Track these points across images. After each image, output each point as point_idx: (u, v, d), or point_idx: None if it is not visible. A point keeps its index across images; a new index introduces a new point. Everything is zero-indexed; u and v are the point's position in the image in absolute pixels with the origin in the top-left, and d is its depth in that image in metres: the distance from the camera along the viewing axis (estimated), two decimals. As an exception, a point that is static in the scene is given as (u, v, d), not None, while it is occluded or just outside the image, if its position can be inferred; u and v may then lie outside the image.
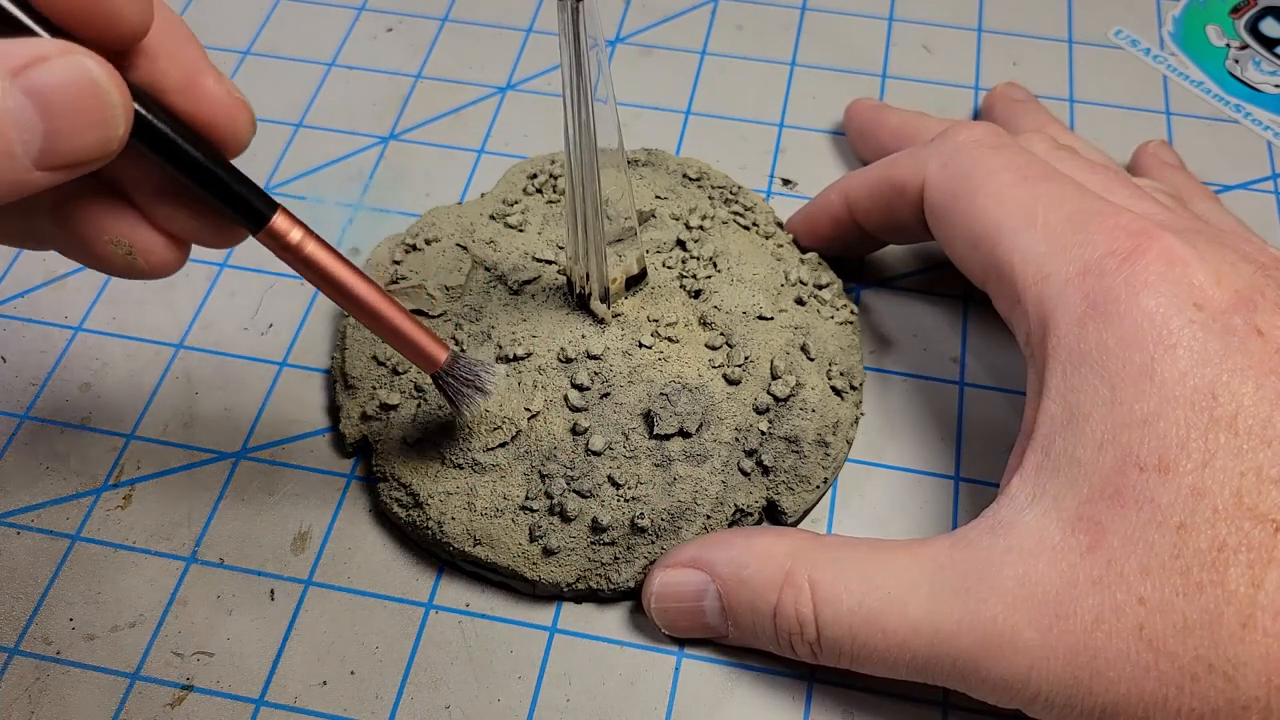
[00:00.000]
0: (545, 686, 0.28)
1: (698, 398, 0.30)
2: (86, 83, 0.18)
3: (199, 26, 0.44)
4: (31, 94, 0.18)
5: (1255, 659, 0.21)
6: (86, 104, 0.18)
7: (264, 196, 0.23)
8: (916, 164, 0.30)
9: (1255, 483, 0.22)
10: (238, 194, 0.22)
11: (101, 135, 0.19)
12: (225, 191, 0.22)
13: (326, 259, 0.24)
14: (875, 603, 0.25)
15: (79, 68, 0.18)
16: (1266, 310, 0.24)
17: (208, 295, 0.36)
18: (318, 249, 0.24)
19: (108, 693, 0.28)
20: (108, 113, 0.19)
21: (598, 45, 0.24)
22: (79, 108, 0.18)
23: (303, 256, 0.24)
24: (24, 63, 0.18)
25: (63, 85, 0.18)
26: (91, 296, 0.36)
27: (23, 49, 0.18)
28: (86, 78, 0.18)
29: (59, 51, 0.18)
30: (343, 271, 0.25)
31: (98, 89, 0.18)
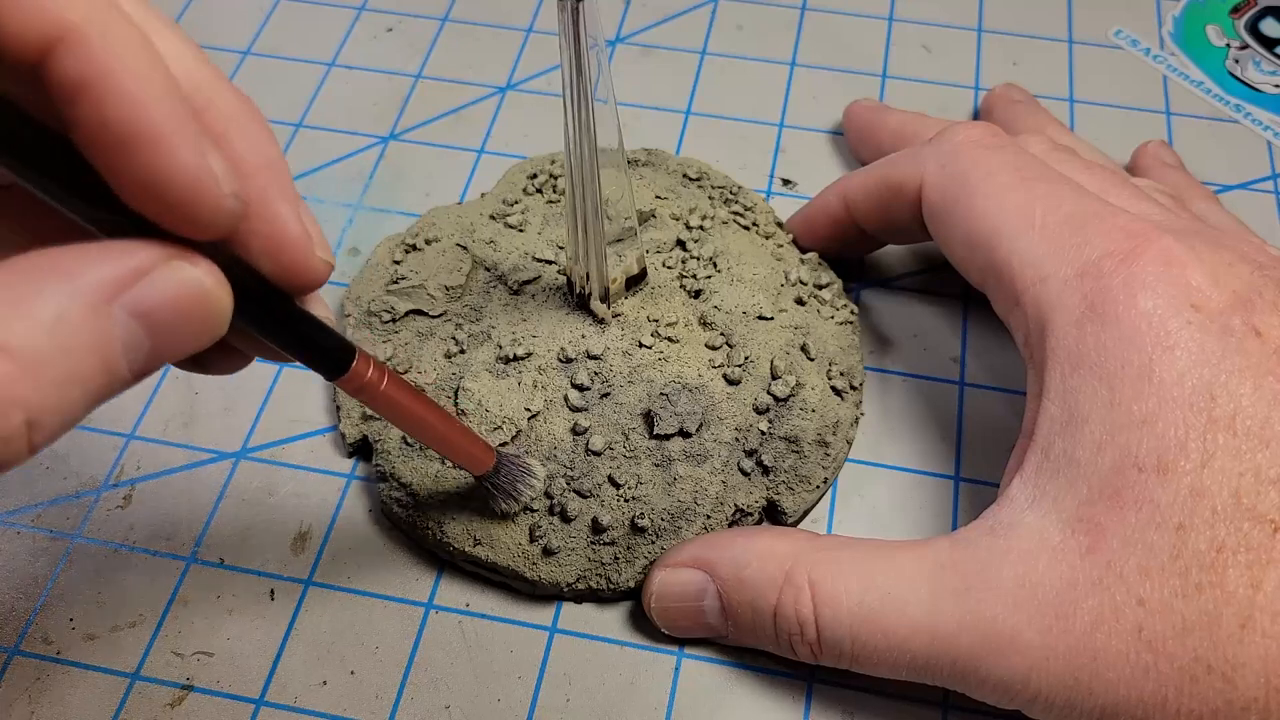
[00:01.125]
0: (545, 686, 0.29)
1: (698, 398, 0.30)
2: (197, 296, 0.17)
3: (199, 27, 0.44)
4: (139, 316, 0.16)
5: (1254, 660, 0.21)
6: (195, 315, 0.17)
7: (342, 347, 0.22)
8: (915, 165, 0.30)
9: (1254, 483, 0.22)
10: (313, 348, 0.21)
11: (207, 338, 0.17)
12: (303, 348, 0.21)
13: (398, 395, 0.24)
14: (875, 603, 0.25)
15: (188, 282, 0.17)
16: (1264, 310, 0.24)
17: (208, 295, 0.36)
18: (391, 387, 0.23)
19: (108, 693, 0.28)
20: (215, 319, 0.17)
21: (598, 45, 0.24)
22: (188, 321, 0.17)
23: (377, 397, 0.23)
24: (126, 278, 0.16)
25: (172, 302, 0.17)
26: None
27: (120, 259, 0.16)
28: (197, 291, 0.17)
29: (161, 261, 0.16)
30: (412, 404, 0.24)
31: (207, 300, 0.17)
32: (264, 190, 0.18)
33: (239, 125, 0.18)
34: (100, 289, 0.16)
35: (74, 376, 0.15)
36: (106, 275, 0.16)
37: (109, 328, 0.16)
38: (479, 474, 0.28)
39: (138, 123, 0.15)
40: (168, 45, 0.17)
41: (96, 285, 0.16)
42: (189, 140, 0.16)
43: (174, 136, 0.15)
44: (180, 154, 0.16)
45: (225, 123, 0.18)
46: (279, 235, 0.19)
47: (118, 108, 0.15)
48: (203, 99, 0.18)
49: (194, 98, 0.18)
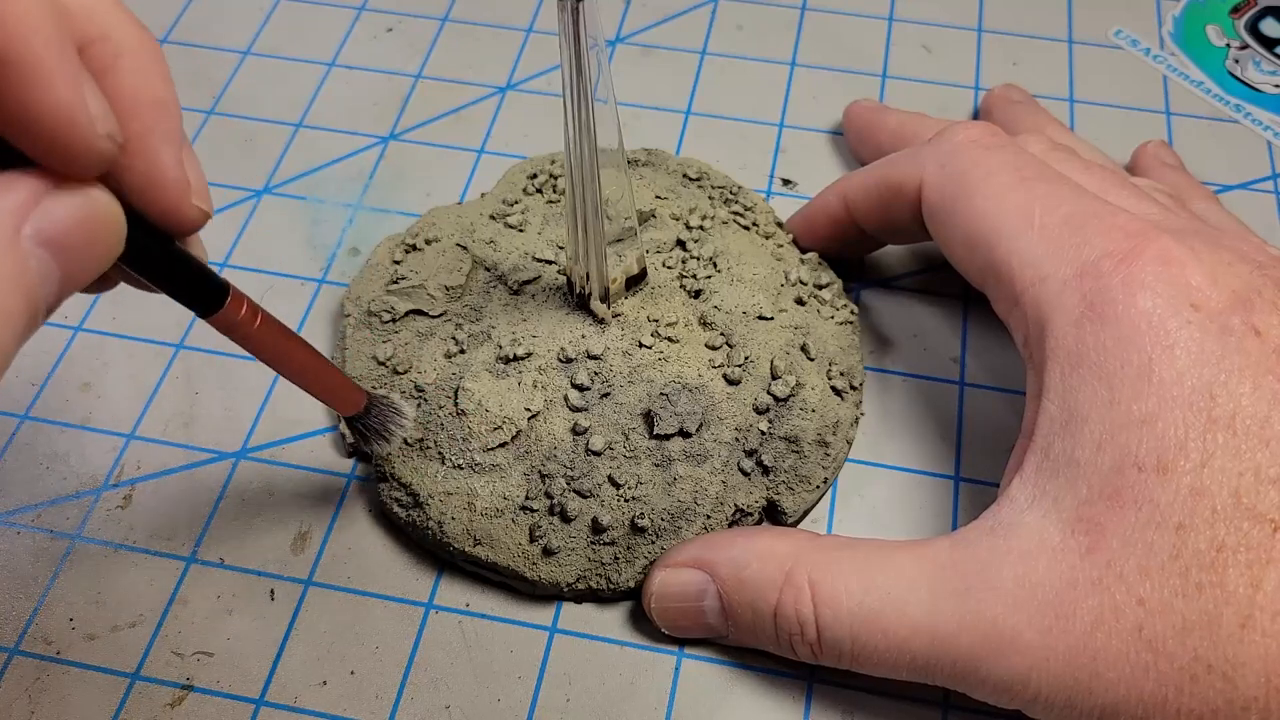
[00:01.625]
0: (545, 686, 0.29)
1: (698, 398, 0.30)
2: (95, 216, 0.17)
3: (199, 27, 0.44)
4: (46, 243, 0.16)
5: (1254, 659, 0.21)
6: (97, 236, 0.17)
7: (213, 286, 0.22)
8: (914, 165, 0.30)
9: (1254, 483, 0.22)
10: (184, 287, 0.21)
11: (107, 258, 0.17)
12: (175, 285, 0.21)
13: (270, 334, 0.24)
14: (875, 603, 0.25)
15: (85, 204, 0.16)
16: (1263, 310, 0.24)
17: (208, 295, 0.36)
18: (264, 327, 0.23)
19: (108, 693, 0.28)
20: (114, 237, 0.17)
21: (598, 45, 0.24)
22: (91, 243, 0.17)
23: (250, 336, 0.23)
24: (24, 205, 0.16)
25: (75, 225, 0.16)
26: (91, 296, 0.36)
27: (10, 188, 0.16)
28: (94, 211, 0.17)
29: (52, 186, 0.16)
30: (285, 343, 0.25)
31: (106, 219, 0.17)
32: (146, 129, 0.18)
33: (131, 60, 0.18)
34: (5, 221, 0.15)
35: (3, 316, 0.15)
36: (6, 205, 0.15)
37: (24, 259, 0.16)
38: (350, 415, 0.28)
39: (10, 52, 0.15)
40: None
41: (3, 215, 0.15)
42: (65, 74, 0.15)
43: (49, 68, 0.15)
44: (54, 88, 0.15)
45: (116, 56, 0.17)
46: (156, 176, 0.18)
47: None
48: (96, 29, 0.17)
49: (86, 27, 0.17)
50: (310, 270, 0.37)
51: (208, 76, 0.43)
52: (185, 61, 0.43)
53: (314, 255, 0.37)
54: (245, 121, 0.42)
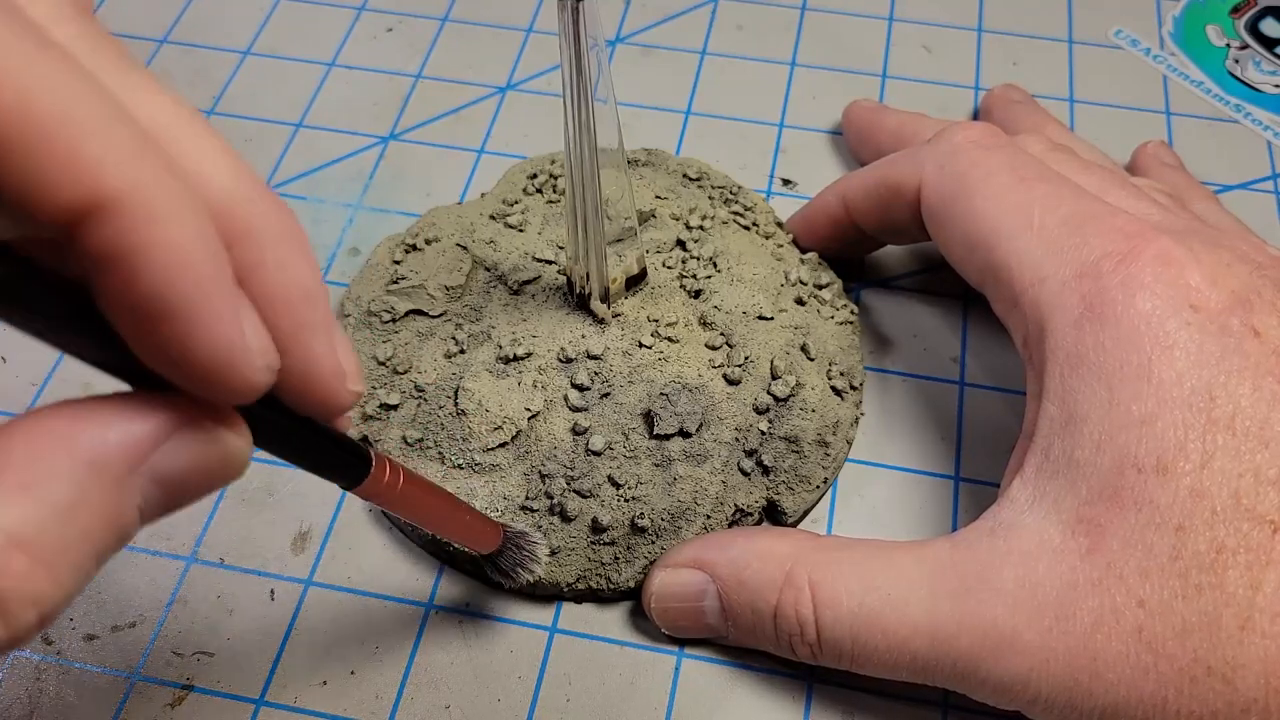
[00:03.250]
0: (545, 686, 0.29)
1: (698, 398, 0.30)
2: (220, 457, 0.16)
3: (199, 27, 0.44)
4: (158, 482, 0.15)
5: (1254, 661, 0.21)
6: (217, 474, 0.16)
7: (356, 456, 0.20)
8: (913, 165, 0.30)
9: (1253, 484, 0.22)
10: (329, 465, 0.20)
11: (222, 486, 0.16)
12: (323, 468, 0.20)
13: (413, 493, 0.23)
14: (875, 604, 0.25)
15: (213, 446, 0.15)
16: (1263, 311, 0.24)
17: (208, 295, 0.36)
18: (406, 487, 0.22)
19: (108, 693, 0.28)
20: (235, 472, 0.16)
21: (598, 45, 0.24)
22: (209, 480, 0.16)
23: (394, 500, 0.22)
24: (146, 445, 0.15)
25: (195, 467, 0.15)
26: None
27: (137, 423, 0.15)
28: (220, 452, 0.16)
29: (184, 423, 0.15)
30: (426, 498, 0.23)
31: (230, 459, 0.16)
32: (298, 327, 0.17)
33: (276, 253, 0.16)
34: (120, 463, 0.14)
35: (89, 556, 0.14)
36: (125, 444, 0.14)
37: (127, 498, 0.14)
38: (486, 553, 0.27)
39: (172, 299, 0.13)
40: (204, 160, 0.16)
41: (116, 459, 0.14)
42: (226, 316, 0.14)
43: (210, 313, 0.14)
44: (215, 331, 0.14)
45: (262, 250, 0.16)
46: (311, 373, 0.17)
47: (149, 284, 0.13)
48: (240, 224, 0.16)
49: (231, 223, 0.16)
50: (310, 270, 0.37)
51: (208, 76, 0.43)
52: (185, 61, 0.43)
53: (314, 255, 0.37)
54: (245, 121, 0.42)
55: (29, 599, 0.13)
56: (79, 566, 0.14)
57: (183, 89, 0.42)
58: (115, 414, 0.14)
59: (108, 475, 0.14)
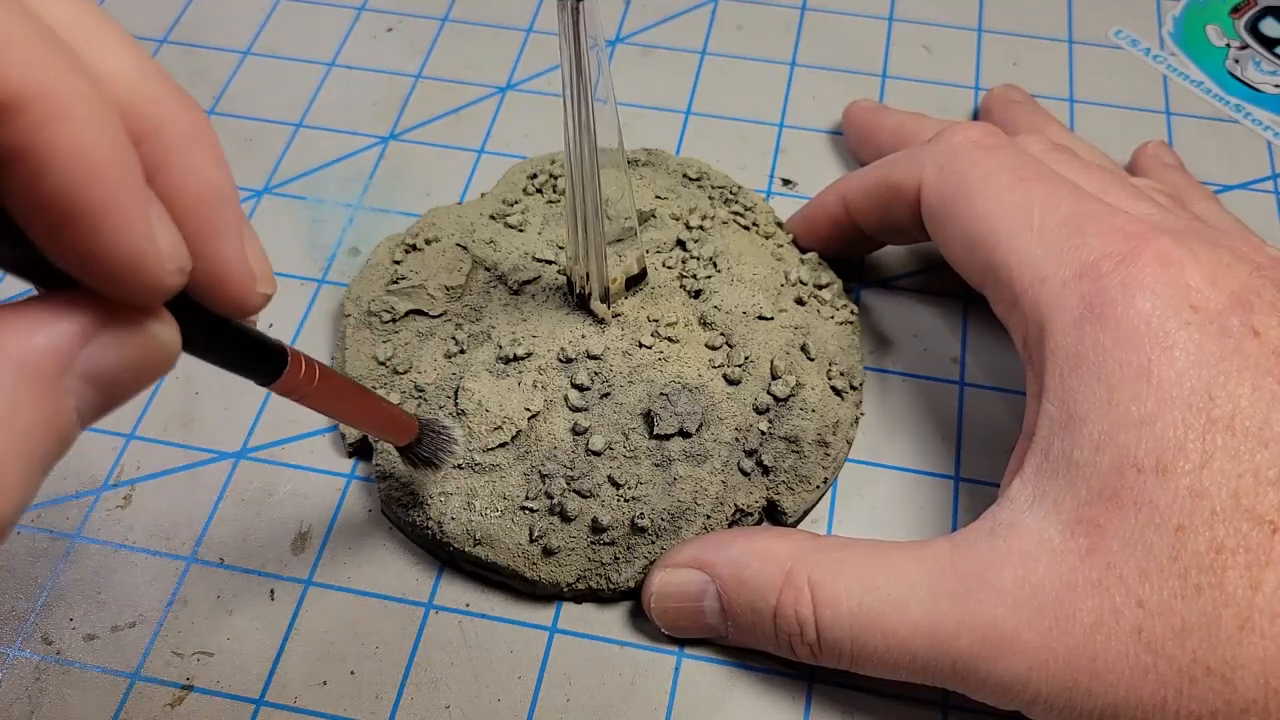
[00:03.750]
0: (545, 686, 0.29)
1: (698, 398, 0.30)
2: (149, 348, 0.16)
3: (199, 27, 0.44)
4: (91, 379, 0.15)
5: (1253, 661, 0.21)
6: (148, 366, 0.16)
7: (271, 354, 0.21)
8: (913, 165, 0.30)
9: (1253, 484, 0.22)
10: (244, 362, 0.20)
11: (154, 381, 0.16)
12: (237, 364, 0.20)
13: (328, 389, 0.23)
14: (875, 604, 0.25)
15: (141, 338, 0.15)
16: (1262, 311, 0.24)
17: (208, 295, 0.36)
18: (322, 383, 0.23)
19: (108, 693, 0.28)
20: (165, 364, 0.16)
21: (598, 45, 0.24)
22: (141, 372, 0.16)
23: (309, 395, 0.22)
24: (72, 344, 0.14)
25: (125, 361, 0.15)
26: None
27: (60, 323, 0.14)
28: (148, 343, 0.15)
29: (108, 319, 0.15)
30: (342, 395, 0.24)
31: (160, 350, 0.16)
32: (207, 228, 0.17)
33: (184, 153, 0.16)
34: (49, 364, 0.14)
35: (33, 457, 0.14)
36: (51, 346, 0.14)
37: (62, 400, 0.14)
38: (403, 445, 0.27)
39: (79, 200, 0.13)
40: (109, 57, 0.15)
41: (44, 361, 0.14)
42: (134, 218, 0.14)
43: (119, 215, 0.14)
44: (123, 234, 0.14)
45: (168, 150, 0.16)
46: (220, 272, 0.17)
47: (55, 184, 0.13)
48: (147, 122, 0.16)
49: (139, 122, 0.16)
50: (310, 270, 0.37)
51: (208, 76, 0.43)
52: (185, 61, 0.43)
53: (314, 255, 0.37)
54: (245, 121, 0.42)
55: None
56: (23, 473, 0.14)
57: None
58: (38, 317, 0.14)
59: (39, 378, 0.14)
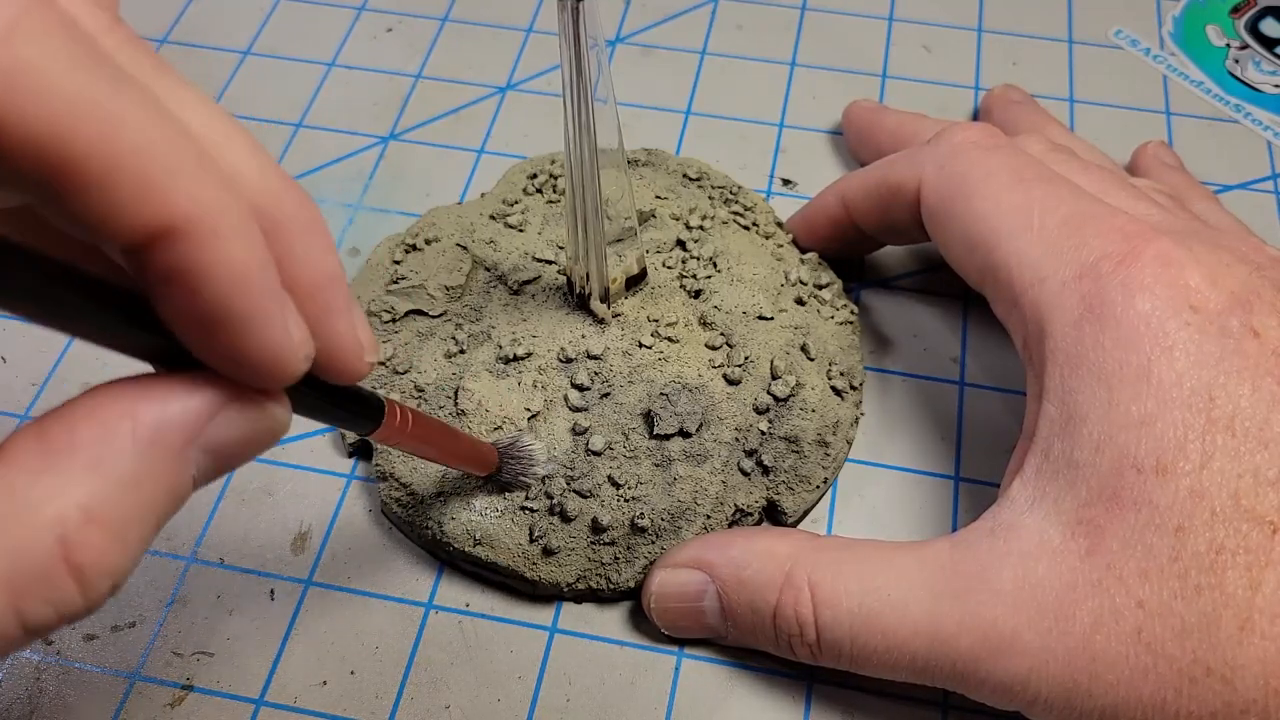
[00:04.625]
0: (545, 686, 0.29)
1: (698, 398, 0.30)
2: (268, 431, 0.17)
3: (199, 27, 0.44)
4: (211, 452, 0.16)
5: (1253, 662, 0.21)
6: (264, 443, 0.17)
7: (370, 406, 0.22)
8: (913, 166, 0.30)
9: (1253, 484, 0.22)
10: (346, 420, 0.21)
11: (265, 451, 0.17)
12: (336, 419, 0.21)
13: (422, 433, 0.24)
14: (875, 604, 0.25)
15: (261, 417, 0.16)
16: (1262, 311, 0.24)
17: (208, 295, 0.36)
18: (416, 428, 0.24)
19: (108, 693, 0.28)
20: (277, 437, 0.17)
21: (598, 45, 0.24)
22: (257, 448, 0.17)
23: (404, 441, 0.24)
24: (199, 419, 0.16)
25: (245, 437, 0.16)
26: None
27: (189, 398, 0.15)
28: (269, 426, 0.17)
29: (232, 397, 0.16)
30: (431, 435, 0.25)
31: (275, 428, 0.17)
32: (324, 308, 0.18)
33: (303, 242, 0.18)
34: (178, 436, 0.15)
35: (151, 521, 0.15)
36: (181, 419, 0.15)
37: (185, 469, 0.15)
38: (488, 474, 0.28)
39: (232, 310, 0.15)
40: (238, 158, 0.16)
41: (174, 432, 0.15)
42: (276, 321, 0.15)
43: (265, 319, 0.15)
44: (267, 334, 0.15)
45: (291, 241, 0.17)
46: (335, 350, 0.18)
47: (211, 298, 0.14)
48: (271, 218, 0.17)
49: (264, 217, 0.17)
50: (310, 270, 0.37)
51: (208, 76, 0.43)
52: (185, 61, 0.43)
53: (314, 255, 0.37)
54: (245, 121, 0.42)
55: (106, 571, 0.14)
56: (145, 537, 0.15)
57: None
58: (171, 391, 0.15)
59: (168, 449, 0.15)
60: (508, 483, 0.29)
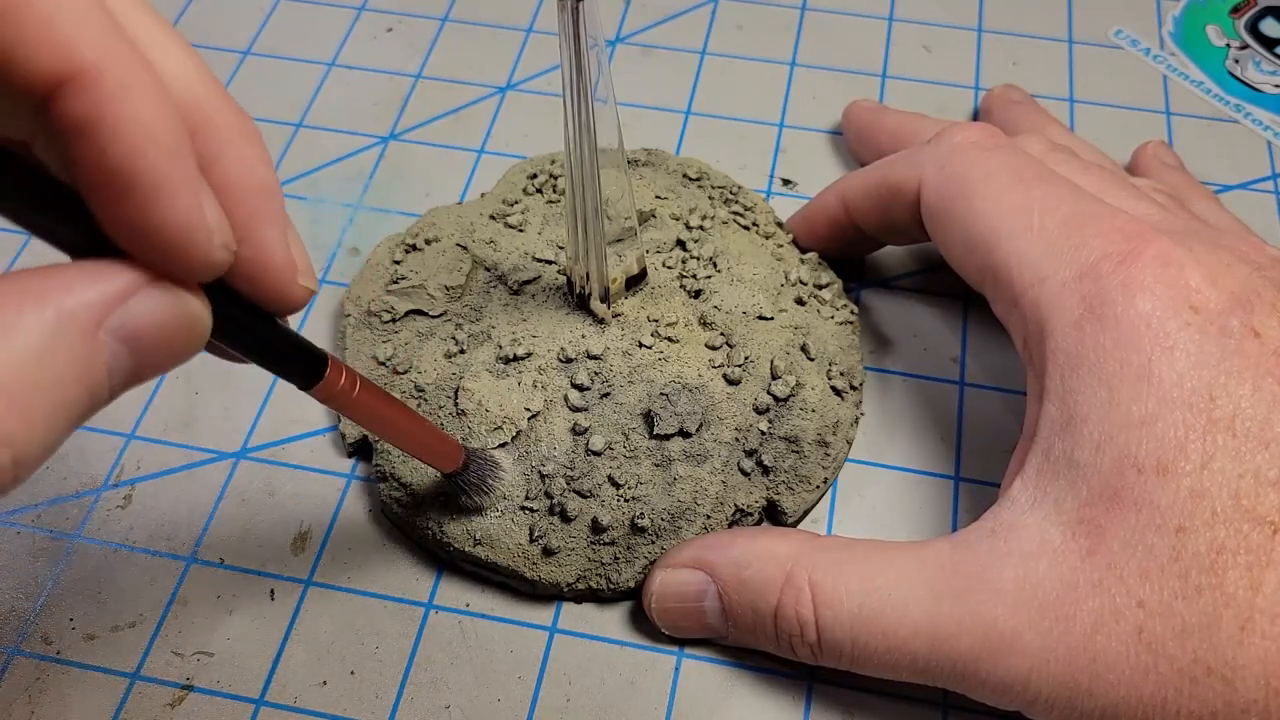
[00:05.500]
0: (545, 686, 0.29)
1: (698, 398, 0.30)
2: (181, 317, 0.16)
3: (199, 27, 0.44)
4: (125, 339, 0.16)
5: (1253, 662, 0.21)
6: (179, 336, 0.17)
7: (312, 358, 0.22)
8: (913, 166, 0.30)
9: (1253, 485, 0.22)
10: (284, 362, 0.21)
11: (186, 356, 0.17)
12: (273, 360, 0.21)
13: (369, 399, 0.24)
14: (876, 604, 0.25)
15: (174, 304, 0.16)
16: (1263, 312, 0.24)
17: (208, 295, 0.36)
18: (363, 394, 0.23)
19: (108, 693, 0.28)
20: (197, 338, 0.17)
21: (598, 45, 0.24)
22: (172, 342, 0.16)
23: (350, 404, 0.23)
24: (111, 301, 0.15)
25: (158, 325, 0.16)
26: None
27: (104, 282, 0.15)
28: (181, 313, 0.16)
29: (146, 283, 0.16)
30: (384, 408, 0.24)
31: (191, 321, 0.17)
32: (253, 216, 0.18)
33: (235, 147, 0.18)
34: (89, 313, 0.15)
35: (61, 406, 0.15)
36: (93, 298, 0.15)
37: (96, 353, 0.15)
38: (449, 471, 0.28)
39: (138, 171, 0.15)
40: (169, 59, 0.17)
41: (85, 309, 0.15)
42: (187, 191, 0.15)
43: (172, 187, 0.15)
44: (177, 205, 0.15)
45: (221, 144, 0.17)
46: (263, 262, 0.18)
47: (119, 154, 0.15)
48: (201, 117, 0.17)
49: (192, 117, 0.17)
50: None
51: (208, 76, 0.43)
52: (185, 61, 0.43)
53: (314, 255, 0.37)
54: (245, 121, 0.42)
55: (2, 437, 0.14)
56: (51, 416, 0.15)
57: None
58: (86, 273, 0.16)
59: (78, 327, 0.15)
60: (466, 487, 0.28)
